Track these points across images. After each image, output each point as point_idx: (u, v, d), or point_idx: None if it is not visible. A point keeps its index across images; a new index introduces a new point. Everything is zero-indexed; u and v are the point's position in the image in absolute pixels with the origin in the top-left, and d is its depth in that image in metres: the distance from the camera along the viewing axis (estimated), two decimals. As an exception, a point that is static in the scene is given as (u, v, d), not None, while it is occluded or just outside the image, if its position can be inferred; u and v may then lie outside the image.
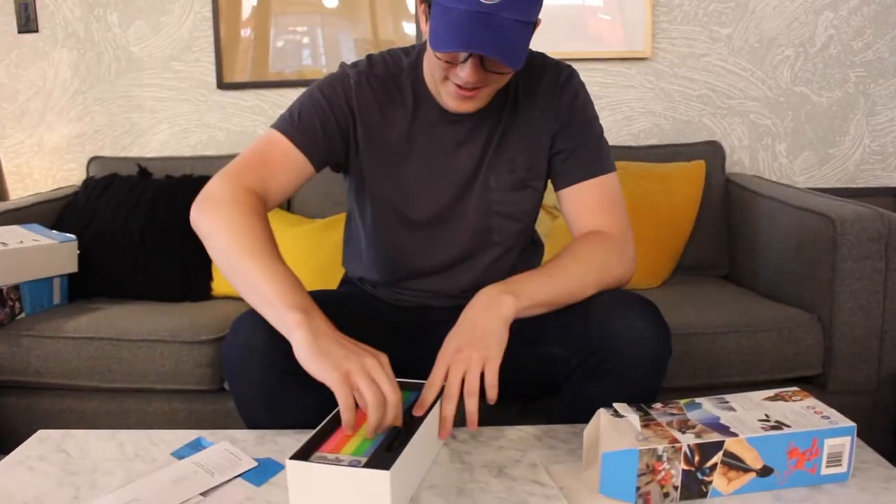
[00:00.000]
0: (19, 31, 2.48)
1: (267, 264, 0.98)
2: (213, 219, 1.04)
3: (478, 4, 0.97)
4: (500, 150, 1.22)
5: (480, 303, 1.06)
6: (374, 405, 0.87)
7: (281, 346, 1.06)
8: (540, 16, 1.07)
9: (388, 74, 1.22)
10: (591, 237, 1.18)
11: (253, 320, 1.08)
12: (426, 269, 1.29)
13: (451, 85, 1.09)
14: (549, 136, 1.23)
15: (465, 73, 1.05)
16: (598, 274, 1.13)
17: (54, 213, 2.12)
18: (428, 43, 1.09)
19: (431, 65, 1.12)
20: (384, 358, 0.92)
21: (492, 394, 0.99)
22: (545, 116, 1.22)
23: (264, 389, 1.07)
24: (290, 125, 1.17)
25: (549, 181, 1.28)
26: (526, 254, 1.35)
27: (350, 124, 1.20)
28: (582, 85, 1.24)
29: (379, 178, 1.23)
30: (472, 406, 0.99)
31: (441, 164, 1.23)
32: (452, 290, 1.28)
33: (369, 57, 1.24)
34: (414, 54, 1.24)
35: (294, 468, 0.85)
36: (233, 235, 1.01)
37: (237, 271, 1.00)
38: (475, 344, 1.00)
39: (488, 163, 1.23)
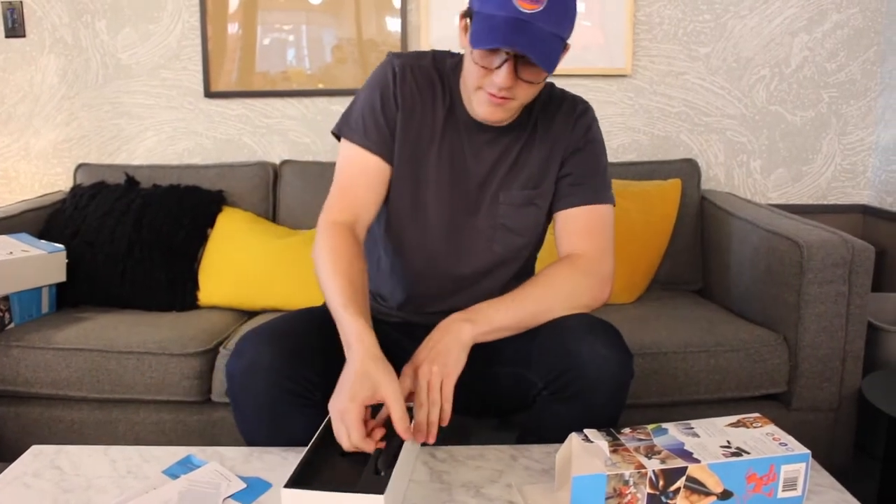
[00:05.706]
0: (6, 36, 2.49)
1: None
2: (315, 265, 1.19)
3: (518, 12, 1.06)
4: (515, 167, 1.28)
5: (442, 328, 1.13)
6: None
7: (285, 366, 1.10)
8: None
9: (434, 66, 1.29)
10: (562, 263, 1.24)
11: (257, 341, 1.13)
12: (435, 291, 1.33)
13: (483, 93, 1.16)
14: (559, 159, 1.29)
15: (499, 77, 1.11)
16: (564, 299, 1.20)
17: (41, 220, 2.14)
18: (468, 46, 1.15)
19: (468, 72, 1.18)
20: (352, 413, 0.97)
21: (447, 406, 1.06)
22: (559, 141, 1.28)
23: (268, 410, 1.11)
24: (360, 133, 1.25)
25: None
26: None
27: (395, 113, 1.26)
28: (595, 120, 1.32)
29: (401, 172, 1.28)
30: (433, 416, 1.05)
31: (456, 168, 1.28)
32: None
33: (416, 51, 1.31)
34: (458, 58, 1.30)
35: (289, 497, 0.89)
36: (323, 277, 1.15)
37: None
38: (435, 360, 1.08)
39: (501, 177, 1.28)
